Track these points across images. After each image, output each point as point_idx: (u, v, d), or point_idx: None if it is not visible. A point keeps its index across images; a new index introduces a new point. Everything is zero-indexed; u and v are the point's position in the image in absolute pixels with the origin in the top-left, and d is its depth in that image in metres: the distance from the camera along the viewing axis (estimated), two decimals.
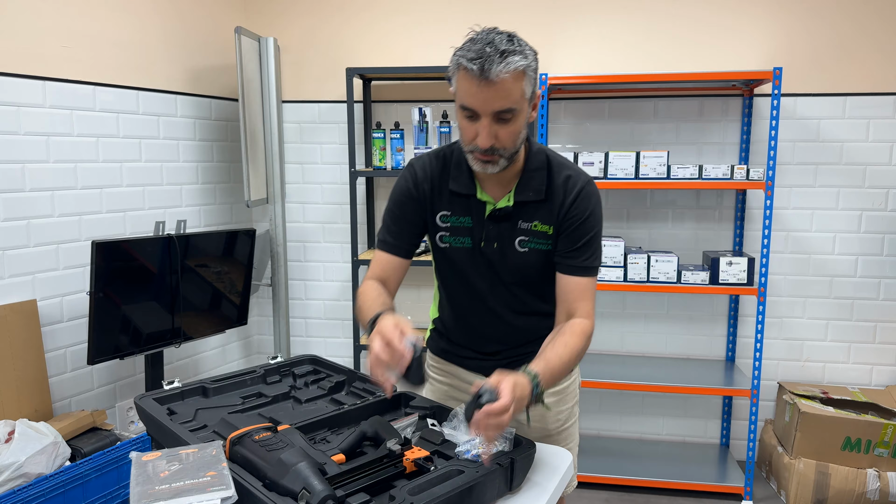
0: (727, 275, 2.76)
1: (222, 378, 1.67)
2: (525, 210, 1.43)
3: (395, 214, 1.50)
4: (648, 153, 2.78)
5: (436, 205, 1.48)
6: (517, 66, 1.25)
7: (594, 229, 1.43)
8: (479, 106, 1.28)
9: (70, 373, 2.45)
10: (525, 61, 1.27)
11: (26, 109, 2.26)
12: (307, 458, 1.12)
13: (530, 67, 1.29)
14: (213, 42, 3.18)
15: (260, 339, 3.62)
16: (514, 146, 1.34)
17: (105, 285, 2.28)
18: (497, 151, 1.32)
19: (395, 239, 1.50)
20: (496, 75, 1.23)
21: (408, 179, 1.50)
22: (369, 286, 1.47)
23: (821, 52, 2.96)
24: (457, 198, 1.46)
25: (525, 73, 1.27)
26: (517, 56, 1.25)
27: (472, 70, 1.24)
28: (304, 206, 3.45)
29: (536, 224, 1.43)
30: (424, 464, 1.18)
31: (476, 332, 1.59)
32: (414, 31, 3.24)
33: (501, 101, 1.26)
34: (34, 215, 2.30)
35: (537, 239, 1.44)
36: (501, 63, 1.23)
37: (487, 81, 1.24)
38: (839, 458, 2.73)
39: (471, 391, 1.19)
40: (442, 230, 1.49)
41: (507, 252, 1.45)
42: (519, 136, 1.34)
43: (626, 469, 2.96)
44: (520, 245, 1.44)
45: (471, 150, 1.35)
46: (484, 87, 1.25)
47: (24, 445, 1.96)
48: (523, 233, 1.44)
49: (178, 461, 1.08)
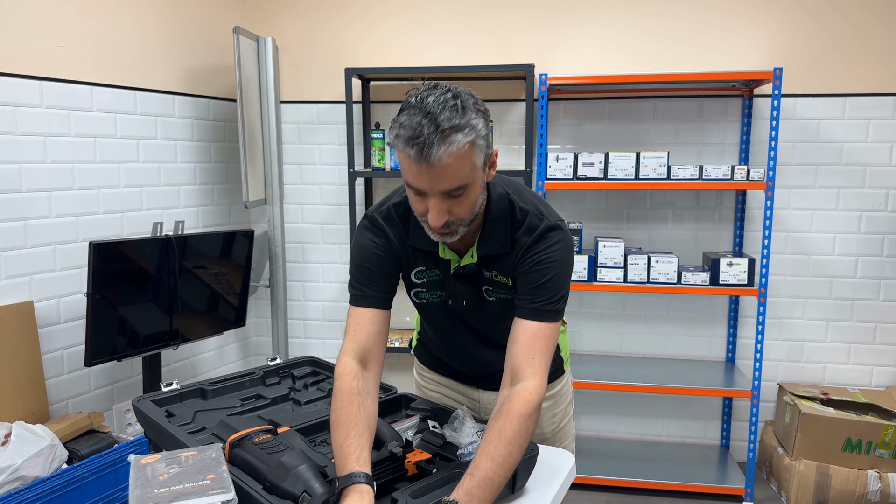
0: (727, 276, 2.76)
1: (221, 380, 1.66)
2: (487, 261, 1.33)
3: (368, 268, 1.33)
4: (649, 154, 2.78)
5: (410, 261, 1.37)
6: (461, 144, 1.10)
7: (553, 272, 1.26)
8: (424, 187, 1.15)
9: (67, 374, 2.44)
10: (471, 136, 1.11)
11: (23, 109, 2.25)
12: (308, 461, 1.11)
13: (480, 136, 1.14)
14: (212, 42, 3.16)
15: (258, 341, 3.60)
16: (471, 215, 1.22)
17: (102, 286, 2.27)
18: (453, 224, 1.20)
19: (373, 290, 1.32)
20: (437, 160, 1.09)
21: (376, 234, 1.35)
22: (346, 383, 1.23)
23: (820, 54, 2.96)
24: (422, 255, 1.36)
25: (474, 144, 1.13)
26: (461, 133, 1.10)
27: (410, 155, 1.11)
28: (302, 207, 3.44)
29: (495, 274, 1.32)
30: (426, 466, 1.17)
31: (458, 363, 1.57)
32: (413, 32, 3.23)
33: (448, 182, 1.13)
34: (31, 216, 2.29)
35: (499, 289, 1.34)
36: (443, 146, 1.09)
37: (429, 165, 1.10)
38: (840, 459, 2.72)
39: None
40: (417, 286, 1.40)
41: (478, 304, 1.36)
42: (476, 204, 1.22)
43: (626, 471, 2.95)
44: (487, 294, 1.35)
45: (425, 222, 1.22)
46: (426, 170, 1.11)
47: (20, 448, 1.94)
48: (486, 281, 1.34)
49: (177, 464, 1.06)
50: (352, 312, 1.33)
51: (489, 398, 1.58)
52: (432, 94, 1.12)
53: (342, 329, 3.47)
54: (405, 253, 1.36)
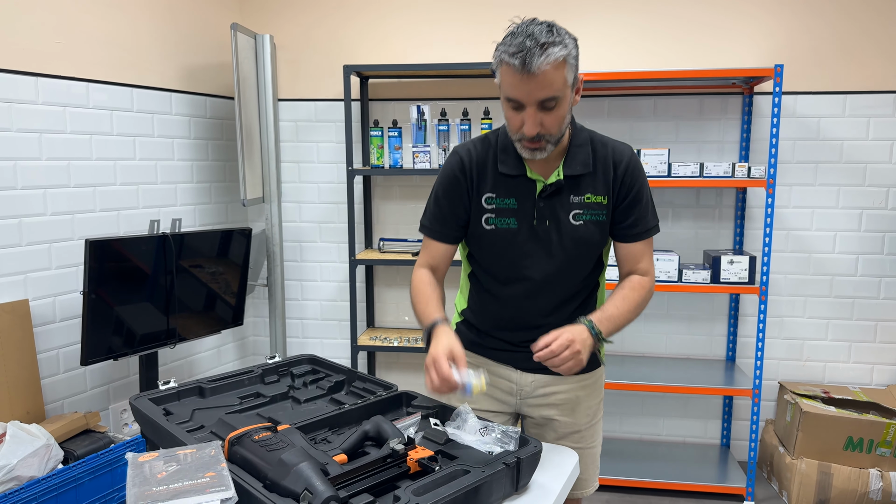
0: (728, 273, 2.74)
1: (219, 378, 1.64)
2: (574, 184, 1.47)
3: (443, 202, 1.53)
4: (649, 151, 2.77)
5: (481, 188, 1.50)
6: (557, 56, 1.29)
7: (646, 196, 1.51)
8: (523, 97, 1.32)
9: (63, 374, 2.41)
10: (565, 51, 1.30)
11: (18, 106, 2.22)
12: (309, 459, 1.09)
13: (571, 55, 1.32)
14: (209, 39, 3.14)
15: (256, 341, 3.58)
16: (559, 131, 1.38)
17: (99, 285, 2.24)
18: (544, 138, 1.37)
19: (442, 226, 1.54)
20: (537, 68, 1.27)
21: (454, 165, 1.52)
22: (421, 277, 1.54)
23: (820, 51, 2.95)
24: (503, 180, 1.49)
25: (566, 61, 1.31)
26: (557, 47, 1.29)
27: (514, 65, 1.28)
28: (300, 206, 3.42)
29: (589, 196, 1.47)
30: (429, 464, 1.15)
31: (510, 320, 1.57)
32: (412, 29, 3.21)
33: (544, 91, 1.31)
34: (26, 214, 2.26)
35: (591, 211, 1.48)
36: (542, 56, 1.27)
37: (530, 74, 1.28)
38: (841, 458, 2.71)
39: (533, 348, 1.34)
40: (487, 212, 1.50)
41: (562, 228, 1.47)
42: (564, 121, 1.38)
43: (627, 470, 2.94)
44: (574, 219, 1.47)
45: (518, 139, 1.39)
46: (527, 80, 1.29)
47: (15, 448, 1.91)
48: (576, 206, 1.47)
49: (175, 462, 1.04)
50: (425, 242, 1.58)
51: (526, 381, 1.59)
52: (532, 24, 1.33)
53: (341, 328, 3.46)
54: (479, 178, 1.50)
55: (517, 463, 1.18)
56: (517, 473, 1.19)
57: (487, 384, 1.32)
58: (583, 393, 1.61)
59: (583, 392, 1.61)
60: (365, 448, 1.26)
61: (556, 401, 1.60)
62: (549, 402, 1.60)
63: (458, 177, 1.51)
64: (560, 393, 1.60)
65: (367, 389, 1.59)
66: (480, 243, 1.54)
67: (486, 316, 1.61)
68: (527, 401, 1.62)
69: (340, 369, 1.70)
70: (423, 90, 3.25)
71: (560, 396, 1.60)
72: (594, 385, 1.64)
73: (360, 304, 3.41)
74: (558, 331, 1.34)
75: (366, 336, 3.27)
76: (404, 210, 3.35)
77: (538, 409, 1.62)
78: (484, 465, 1.15)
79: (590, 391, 1.63)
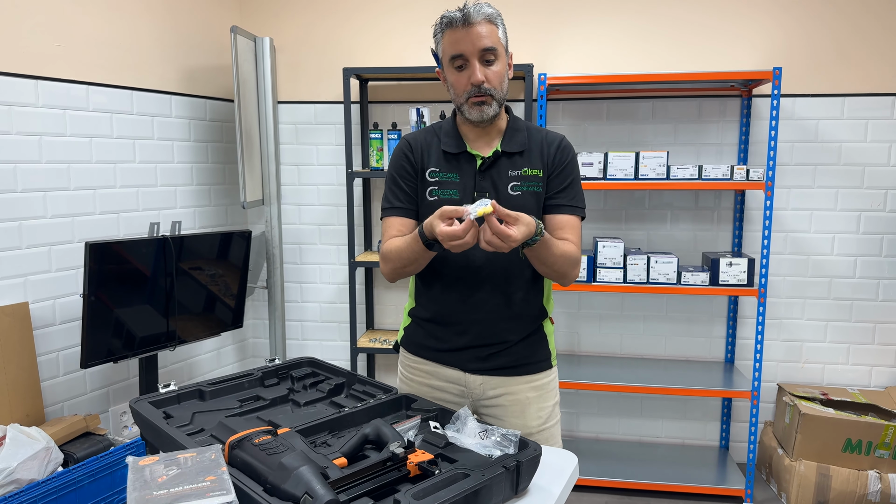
0: (727, 276, 2.75)
1: (219, 381, 1.64)
2: (511, 159, 1.58)
3: (398, 181, 1.62)
4: (648, 153, 2.77)
5: (425, 164, 1.61)
6: (490, 12, 1.50)
7: (575, 173, 1.62)
8: (467, 48, 1.48)
9: (63, 377, 2.41)
10: (495, 11, 1.51)
11: (18, 109, 2.23)
12: (309, 462, 1.09)
13: (500, 19, 1.53)
14: (209, 42, 3.15)
15: (255, 343, 3.58)
16: (501, 88, 1.53)
17: (98, 287, 2.24)
18: (489, 91, 1.50)
19: (403, 202, 1.62)
20: (476, 17, 1.47)
21: (402, 147, 1.65)
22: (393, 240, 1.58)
23: (818, 54, 2.96)
24: (445, 157, 1.60)
25: (498, 22, 1.51)
26: (489, 8, 1.50)
27: (457, 18, 1.47)
28: (300, 208, 3.42)
29: (526, 170, 1.57)
30: (429, 467, 1.15)
31: (457, 305, 1.60)
32: (411, 32, 3.22)
33: (485, 40, 1.48)
34: (26, 216, 2.27)
35: (528, 182, 1.57)
36: (478, 7, 1.48)
37: (470, 25, 1.46)
38: (840, 459, 2.71)
39: None
40: (431, 185, 1.60)
41: (501, 198, 1.55)
42: (504, 81, 1.54)
43: (625, 472, 2.94)
44: (512, 190, 1.57)
45: (466, 98, 1.52)
46: (468, 32, 1.47)
47: (15, 451, 1.92)
48: (514, 178, 1.57)
49: (176, 466, 1.04)
50: (388, 221, 1.63)
51: (475, 382, 1.62)
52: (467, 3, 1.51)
53: (340, 330, 3.46)
54: (424, 156, 1.62)
55: (517, 466, 1.19)
56: (517, 477, 1.19)
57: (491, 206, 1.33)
58: (533, 394, 1.63)
59: (533, 393, 1.63)
60: (365, 451, 1.26)
61: (505, 402, 1.62)
62: (498, 403, 1.63)
63: (407, 155, 1.63)
64: (509, 394, 1.62)
65: (366, 392, 1.59)
66: (427, 215, 1.55)
67: (432, 306, 1.64)
68: (479, 402, 1.65)
69: (340, 372, 1.70)
70: (422, 92, 3.26)
71: (509, 398, 1.62)
72: (546, 387, 1.66)
73: (359, 307, 3.41)
74: None
75: (365, 338, 3.27)
76: None
77: (489, 409, 1.65)
78: (483, 468, 1.15)
79: (541, 392, 1.64)
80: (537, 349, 1.66)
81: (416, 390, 1.69)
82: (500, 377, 1.62)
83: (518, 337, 1.62)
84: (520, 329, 1.62)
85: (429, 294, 1.66)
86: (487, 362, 1.62)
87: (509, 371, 1.62)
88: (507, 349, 1.62)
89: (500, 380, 1.62)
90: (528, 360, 1.64)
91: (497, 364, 1.62)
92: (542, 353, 1.66)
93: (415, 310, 1.71)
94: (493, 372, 1.62)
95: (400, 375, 1.77)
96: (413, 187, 1.61)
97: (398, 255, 1.54)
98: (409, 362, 1.72)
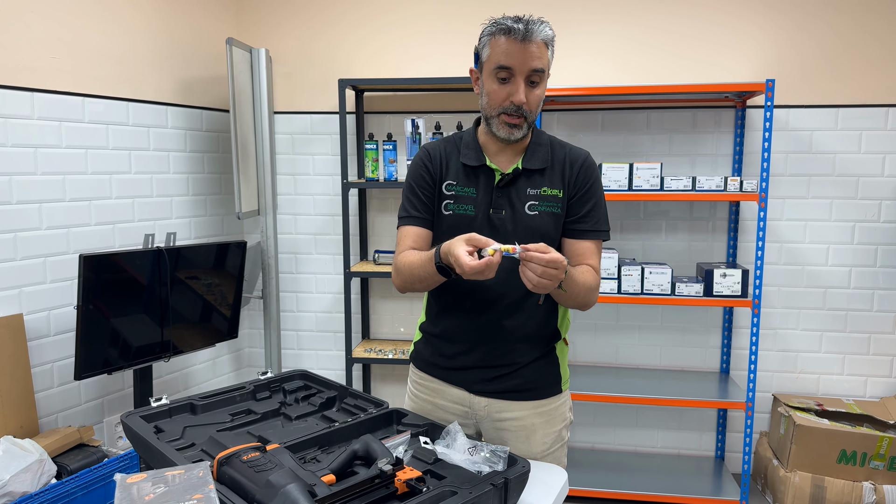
0: (721, 287, 2.75)
1: (211, 394, 1.64)
2: (531, 178, 1.53)
3: (416, 190, 1.59)
4: (642, 165, 2.78)
5: (444, 176, 1.59)
6: (549, 34, 1.44)
7: (598, 195, 1.56)
8: (517, 64, 1.41)
9: (57, 388, 2.41)
10: (553, 34, 1.46)
11: (14, 121, 2.24)
12: (297, 480, 1.09)
13: (553, 43, 1.47)
14: (205, 53, 3.16)
15: (251, 352, 3.58)
16: (536, 112, 1.49)
17: (93, 299, 2.25)
18: (524, 113, 1.46)
19: (419, 212, 1.59)
20: (537, 35, 1.41)
21: (421, 156, 1.61)
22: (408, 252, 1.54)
23: (812, 65, 2.97)
24: (464, 170, 1.56)
25: (552, 45, 1.46)
26: (549, 30, 1.45)
27: (517, 30, 1.40)
28: (296, 218, 3.43)
29: (545, 189, 1.53)
30: (416, 485, 1.15)
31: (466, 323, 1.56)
32: (407, 43, 3.24)
33: (538, 61, 1.42)
34: (21, 228, 2.27)
35: (547, 202, 1.52)
36: (541, 26, 1.42)
37: (528, 42, 1.40)
38: (835, 471, 2.71)
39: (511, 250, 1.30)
40: (447, 198, 1.57)
41: (518, 217, 1.51)
42: (540, 104, 1.49)
43: (621, 483, 2.94)
44: (529, 209, 1.52)
45: (500, 113, 1.47)
46: (525, 47, 1.40)
47: (8, 463, 1.92)
48: (532, 198, 1.52)
49: (163, 483, 1.05)
50: (403, 231, 1.59)
51: (480, 404, 1.59)
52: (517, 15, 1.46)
53: (336, 340, 3.46)
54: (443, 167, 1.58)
55: (505, 483, 1.19)
56: (505, 493, 1.20)
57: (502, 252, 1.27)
58: (539, 420, 1.58)
59: (539, 419, 1.58)
60: (354, 468, 1.26)
61: (509, 427, 1.58)
62: (503, 427, 1.59)
63: (426, 164, 1.59)
64: (514, 419, 1.58)
65: (358, 406, 1.59)
66: (441, 229, 1.57)
67: (441, 322, 1.61)
68: (483, 424, 1.62)
69: (332, 385, 1.71)
70: (417, 103, 3.27)
71: (514, 423, 1.58)
72: (553, 412, 1.60)
73: (355, 316, 3.42)
74: None
75: (361, 348, 3.27)
76: None
77: (493, 432, 1.61)
78: (471, 485, 1.16)
79: (547, 418, 1.59)
80: (547, 372, 1.60)
81: (421, 408, 1.67)
82: (506, 401, 1.57)
83: (528, 359, 1.57)
84: (531, 351, 1.57)
85: (439, 310, 1.63)
86: (494, 384, 1.57)
87: (516, 395, 1.57)
88: (515, 371, 1.56)
89: (506, 404, 1.57)
90: (537, 384, 1.59)
91: (504, 387, 1.57)
92: (553, 376, 1.61)
93: (425, 324, 1.68)
94: (498, 395, 1.57)
95: (408, 391, 1.74)
96: (430, 197, 1.58)
97: (410, 271, 1.50)
98: (417, 378, 1.69)
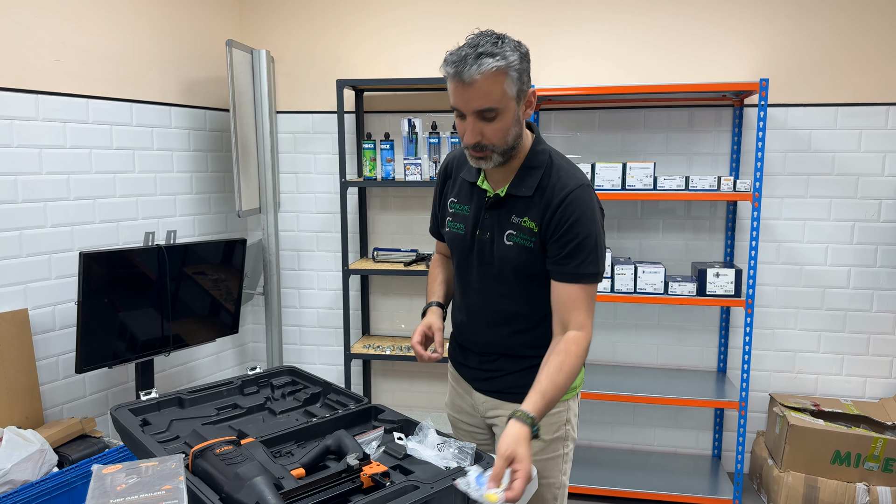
0: (714, 286, 2.76)
1: (200, 389, 1.70)
2: (517, 204, 1.47)
3: (434, 202, 1.70)
4: (635, 165, 2.79)
5: (449, 191, 1.63)
6: (490, 67, 1.30)
7: (582, 235, 1.40)
8: (461, 106, 1.37)
9: (62, 380, 2.49)
10: (503, 62, 1.31)
11: (19, 123, 2.31)
12: (265, 473, 1.14)
13: (511, 67, 1.33)
14: (208, 54, 3.22)
15: (255, 347, 3.65)
16: (503, 143, 1.39)
17: (93, 295, 2.32)
18: (486, 147, 1.39)
19: (436, 226, 1.72)
20: (469, 77, 1.31)
21: (441, 168, 1.68)
22: (436, 261, 1.78)
23: (811, 63, 2.95)
24: (465, 187, 1.58)
25: (506, 73, 1.32)
26: (494, 58, 1.30)
27: (450, 73, 1.34)
28: (297, 216, 3.49)
29: (525, 220, 1.46)
30: (381, 479, 1.19)
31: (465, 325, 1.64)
32: (405, 43, 3.27)
33: (480, 101, 1.33)
34: (27, 226, 2.35)
35: (523, 235, 1.46)
36: (475, 65, 1.30)
37: (464, 84, 1.32)
38: (828, 471, 2.71)
39: None
40: (448, 215, 1.62)
41: (496, 243, 1.50)
42: (508, 134, 1.39)
43: (617, 480, 2.96)
44: (507, 238, 1.48)
45: (465, 148, 1.44)
46: (462, 89, 1.34)
47: (10, 453, 1.99)
48: (513, 227, 1.47)
49: (136, 474, 1.10)
50: None
51: (479, 400, 1.65)
52: (482, 35, 1.36)
53: (337, 336, 3.52)
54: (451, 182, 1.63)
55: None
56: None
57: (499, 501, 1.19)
58: None
59: None
60: (326, 462, 1.31)
61: (500, 423, 1.60)
62: (495, 423, 1.63)
63: (440, 179, 1.67)
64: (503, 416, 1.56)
65: (340, 402, 1.64)
66: (446, 241, 1.66)
67: (453, 318, 1.71)
68: (485, 419, 1.67)
69: (318, 381, 1.75)
70: (416, 103, 3.31)
71: (503, 419, 1.58)
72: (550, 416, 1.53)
73: (354, 313, 3.47)
74: (511, 453, 1.22)
75: (360, 344, 3.32)
76: (399, 221, 3.40)
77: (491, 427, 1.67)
78: (433, 480, 1.20)
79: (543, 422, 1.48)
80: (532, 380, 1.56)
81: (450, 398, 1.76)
82: (497, 399, 1.61)
83: (513, 369, 1.58)
84: (514, 365, 1.57)
85: (453, 305, 1.73)
86: (485, 384, 1.62)
87: (504, 396, 1.59)
88: (500, 377, 1.59)
89: (497, 402, 1.61)
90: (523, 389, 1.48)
91: (493, 388, 1.61)
92: None
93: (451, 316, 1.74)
94: (490, 394, 1.62)
95: None
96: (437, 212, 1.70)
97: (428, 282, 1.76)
98: (449, 367, 1.78)
